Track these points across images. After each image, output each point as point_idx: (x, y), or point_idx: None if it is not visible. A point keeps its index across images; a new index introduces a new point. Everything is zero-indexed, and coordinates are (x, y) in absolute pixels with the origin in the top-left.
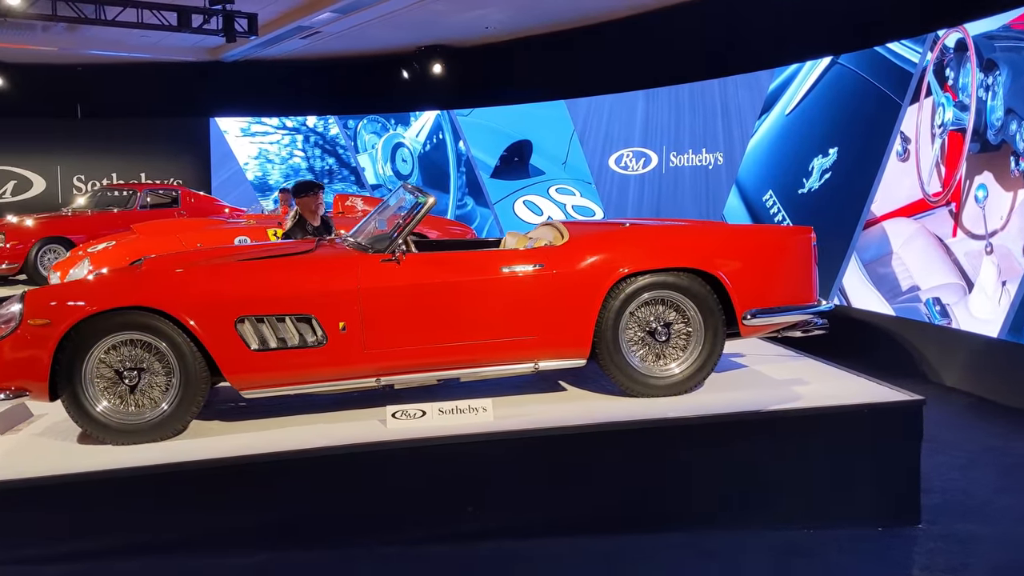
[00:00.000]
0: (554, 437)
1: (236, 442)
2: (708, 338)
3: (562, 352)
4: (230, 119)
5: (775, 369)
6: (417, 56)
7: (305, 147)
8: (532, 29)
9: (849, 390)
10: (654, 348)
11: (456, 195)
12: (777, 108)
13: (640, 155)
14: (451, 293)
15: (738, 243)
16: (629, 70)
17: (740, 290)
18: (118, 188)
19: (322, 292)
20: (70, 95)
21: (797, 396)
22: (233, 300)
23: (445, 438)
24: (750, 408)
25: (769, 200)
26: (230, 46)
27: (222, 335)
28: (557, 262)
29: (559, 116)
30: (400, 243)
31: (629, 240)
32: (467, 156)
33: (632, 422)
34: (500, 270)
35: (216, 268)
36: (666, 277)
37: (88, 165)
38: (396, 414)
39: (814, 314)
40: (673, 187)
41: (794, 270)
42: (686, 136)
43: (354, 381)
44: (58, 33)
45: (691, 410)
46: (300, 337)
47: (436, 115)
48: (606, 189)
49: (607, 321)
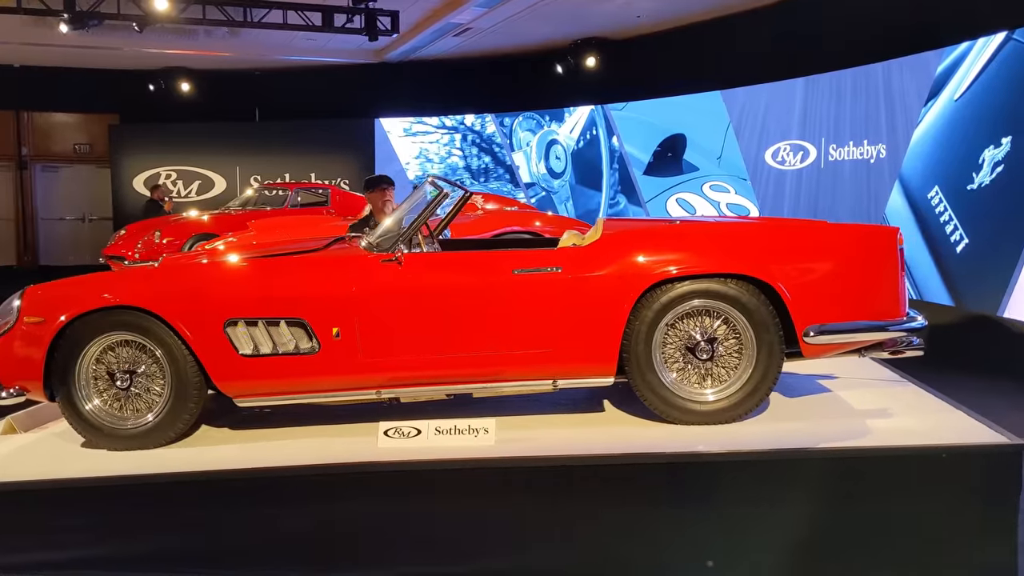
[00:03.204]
0: (556, 468)
1: (216, 455)
2: (761, 358)
3: (583, 368)
4: (394, 119)
5: (859, 396)
6: (571, 50)
7: (463, 146)
8: (684, 17)
9: (939, 427)
10: (697, 367)
11: (608, 193)
12: (945, 93)
13: (798, 148)
14: (455, 298)
15: (801, 244)
16: (787, 56)
17: (801, 301)
18: (274, 187)
19: (314, 295)
20: (248, 99)
21: (864, 432)
22: (222, 301)
23: (433, 463)
24: (796, 445)
25: (935, 198)
26: (392, 46)
27: (210, 338)
28: (577, 264)
29: (714, 108)
30: (403, 242)
31: (666, 241)
32: (620, 152)
33: (648, 456)
34: (511, 273)
35: (205, 267)
36: (710, 285)
37: (264, 165)
38: (389, 431)
39: (903, 331)
40: (832, 184)
41: (873, 278)
42: (846, 127)
43: (352, 393)
44: (226, 38)
45: (728, 444)
46: (294, 343)
47: (590, 111)
48: (762, 186)
49: (638, 334)
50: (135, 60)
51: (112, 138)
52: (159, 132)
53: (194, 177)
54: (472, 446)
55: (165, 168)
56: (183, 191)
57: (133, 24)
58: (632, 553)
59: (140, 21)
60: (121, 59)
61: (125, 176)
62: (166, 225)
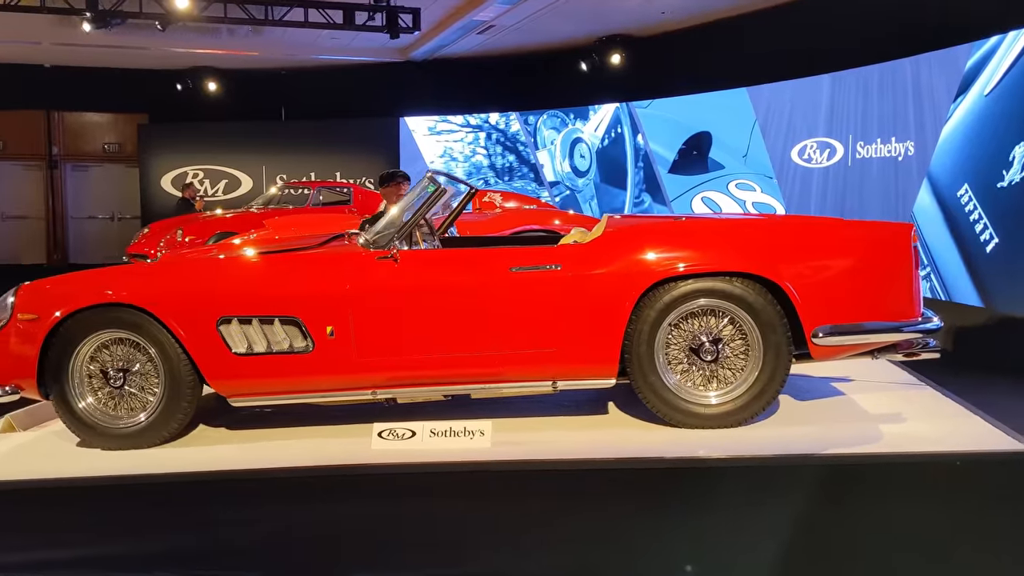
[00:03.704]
0: (548, 472)
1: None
2: (768, 360)
3: (583, 369)
4: (418, 118)
5: (873, 400)
6: (596, 47)
7: (487, 144)
8: (709, 13)
9: (955, 433)
10: (701, 369)
11: (633, 192)
12: (975, 88)
13: (824, 146)
14: (452, 296)
15: (810, 242)
16: (813, 52)
17: (810, 301)
18: (297, 186)
19: (308, 293)
20: (275, 98)
21: (875, 437)
22: (215, 299)
23: (424, 465)
24: (801, 451)
25: (964, 196)
26: (416, 45)
27: (203, 336)
28: (577, 262)
29: (740, 105)
30: (399, 239)
31: (670, 238)
32: (645, 150)
33: (646, 460)
34: (509, 271)
35: (199, 264)
36: (715, 283)
37: (289, 164)
38: (383, 433)
39: (917, 332)
40: (859, 182)
41: (886, 277)
42: (874, 124)
43: (347, 393)
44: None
45: (731, 448)
46: (288, 342)
47: (615, 108)
48: (788, 184)
49: (640, 334)
50: (163, 60)
51: (141, 137)
52: (187, 132)
53: (221, 176)
54: (467, 448)
55: (192, 167)
56: (210, 190)
57: (156, 23)
58: (628, 559)
59: (162, 20)
60: (149, 59)
61: (153, 175)
62: (188, 223)
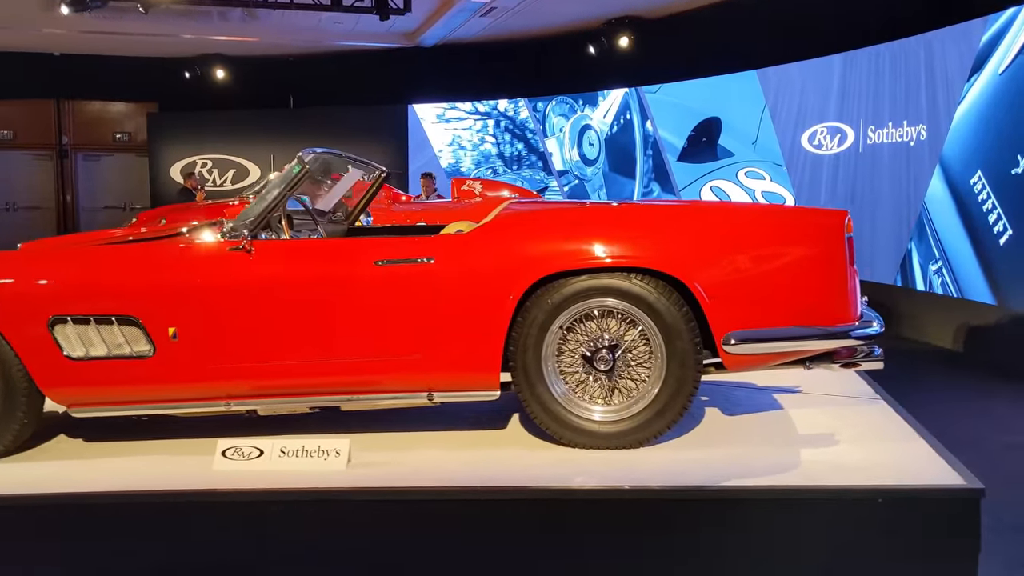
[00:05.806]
0: (400, 502)
1: (33, 474)
2: (672, 371)
3: (460, 378)
4: (426, 105)
5: (810, 418)
6: (604, 30)
7: (496, 132)
8: None
9: (887, 462)
10: (599, 380)
11: (642, 180)
12: (989, 66)
13: (835, 131)
14: (309, 293)
15: (721, 233)
16: (824, 31)
17: (720, 302)
18: None
19: (146, 289)
20: (283, 86)
21: (791, 466)
22: (45, 296)
23: (266, 492)
24: (693, 483)
25: (978, 184)
26: (422, 29)
27: (33, 338)
28: (453, 255)
29: (750, 88)
30: (255, 227)
31: (560, 227)
32: (654, 138)
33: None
34: (373, 264)
35: (27, 257)
36: (610, 280)
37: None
38: (227, 451)
39: (857, 339)
40: (870, 169)
41: (813, 274)
42: (885, 107)
43: (198, 404)
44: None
45: (614, 477)
46: (128, 345)
47: (624, 95)
48: (798, 172)
49: (527, 339)
50: (171, 47)
51: (150, 126)
52: (196, 120)
53: (229, 165)
54: (318, 471)
55: (201, 156)
56: (218, 179)
57: (138, 5)
58: None
59: (144, 2)
60: (158, 46)
61: (163, 165)
62: (172, 212)
